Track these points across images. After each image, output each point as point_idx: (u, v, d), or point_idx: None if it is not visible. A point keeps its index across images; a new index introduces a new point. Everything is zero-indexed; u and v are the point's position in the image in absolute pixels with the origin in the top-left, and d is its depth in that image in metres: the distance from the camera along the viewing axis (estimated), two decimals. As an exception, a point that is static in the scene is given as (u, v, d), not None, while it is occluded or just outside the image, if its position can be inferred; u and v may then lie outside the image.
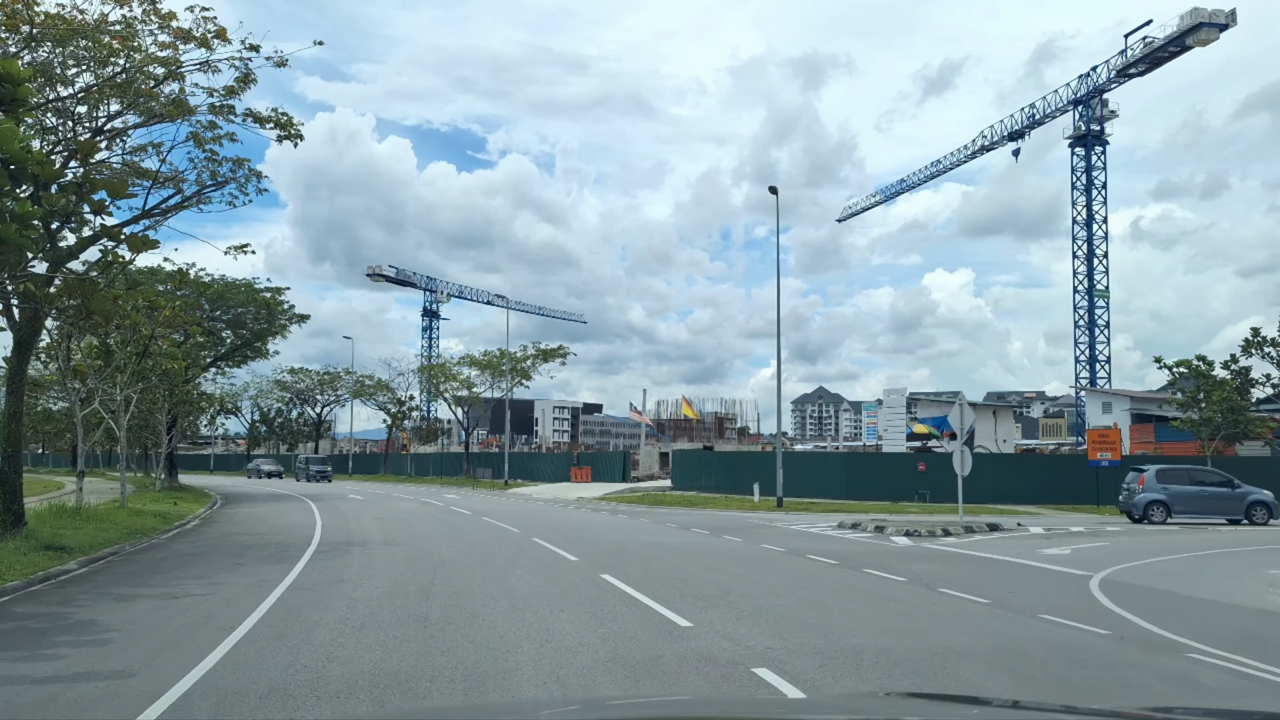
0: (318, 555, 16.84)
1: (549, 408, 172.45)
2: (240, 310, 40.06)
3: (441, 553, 17.11)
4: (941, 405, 50.42)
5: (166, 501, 32.11)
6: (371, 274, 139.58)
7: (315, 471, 63.26)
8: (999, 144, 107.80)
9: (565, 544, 18.61)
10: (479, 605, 10.72)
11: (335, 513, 29.31)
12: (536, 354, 64.67)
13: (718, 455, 46.74)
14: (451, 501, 37.85)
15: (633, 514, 30.47)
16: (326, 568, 14.82)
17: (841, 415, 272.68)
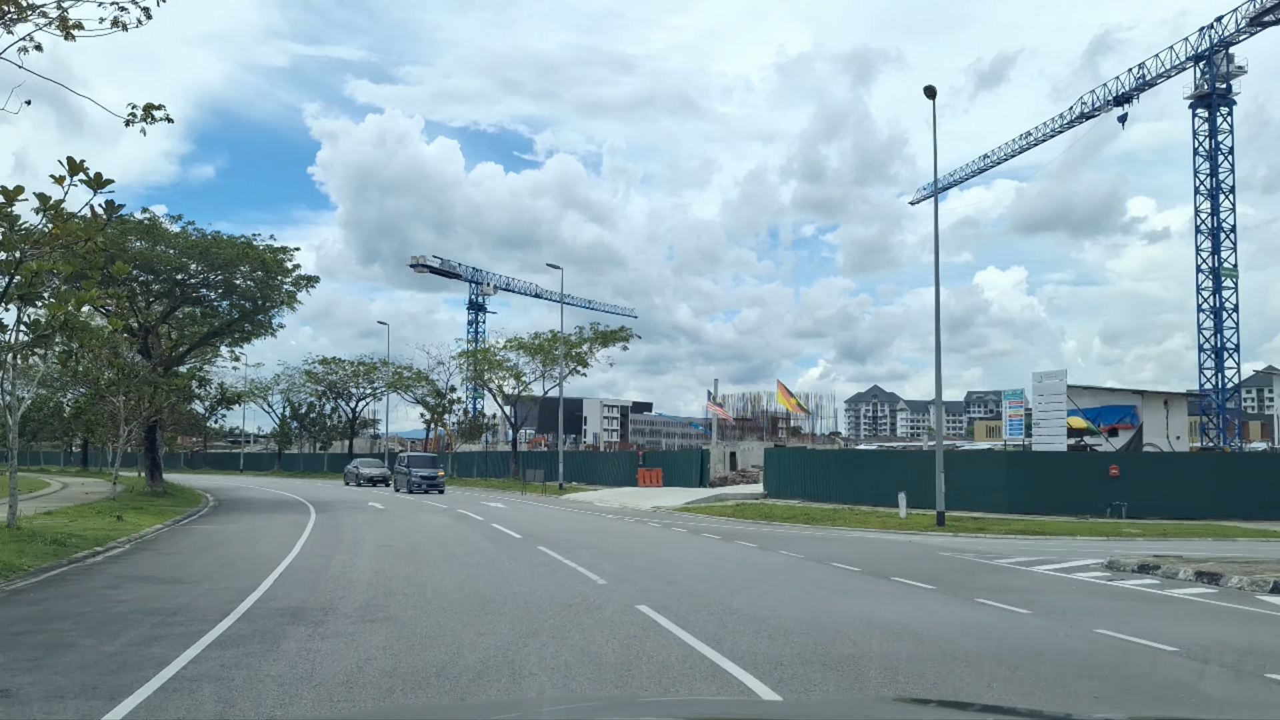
0: (211, 656, 8.21)
1: (597, 406, 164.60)
2: (229, 271, 31.80)
3: (462, 650, 8.39)
4: (1099, 394, 40.81)
5: (116, 514, 24.02)
6: (415, 265, 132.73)
7: (421, 479, 44.10)
8: (1101, 109, 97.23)
9: (720, 628, 9.77)
10: None
11: (330, 536, 20.85)
12: (595, 337, 55.95)
13: (828, 456, 37.64)
14: (495, 514, 29.24)
15: (749, 537, 21.63)
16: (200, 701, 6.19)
17: (897, 415, 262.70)
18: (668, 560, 15.56)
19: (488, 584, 12.59)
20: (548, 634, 9.15)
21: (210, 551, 17.45)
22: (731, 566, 14.79)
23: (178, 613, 10.45)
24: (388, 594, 11.67)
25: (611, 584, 12.47)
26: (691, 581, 12.82)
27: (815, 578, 13.65)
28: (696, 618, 9.92)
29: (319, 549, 17.58)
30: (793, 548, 18.31)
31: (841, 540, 21.14)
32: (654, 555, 16.30)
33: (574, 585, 12.40)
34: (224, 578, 13.50)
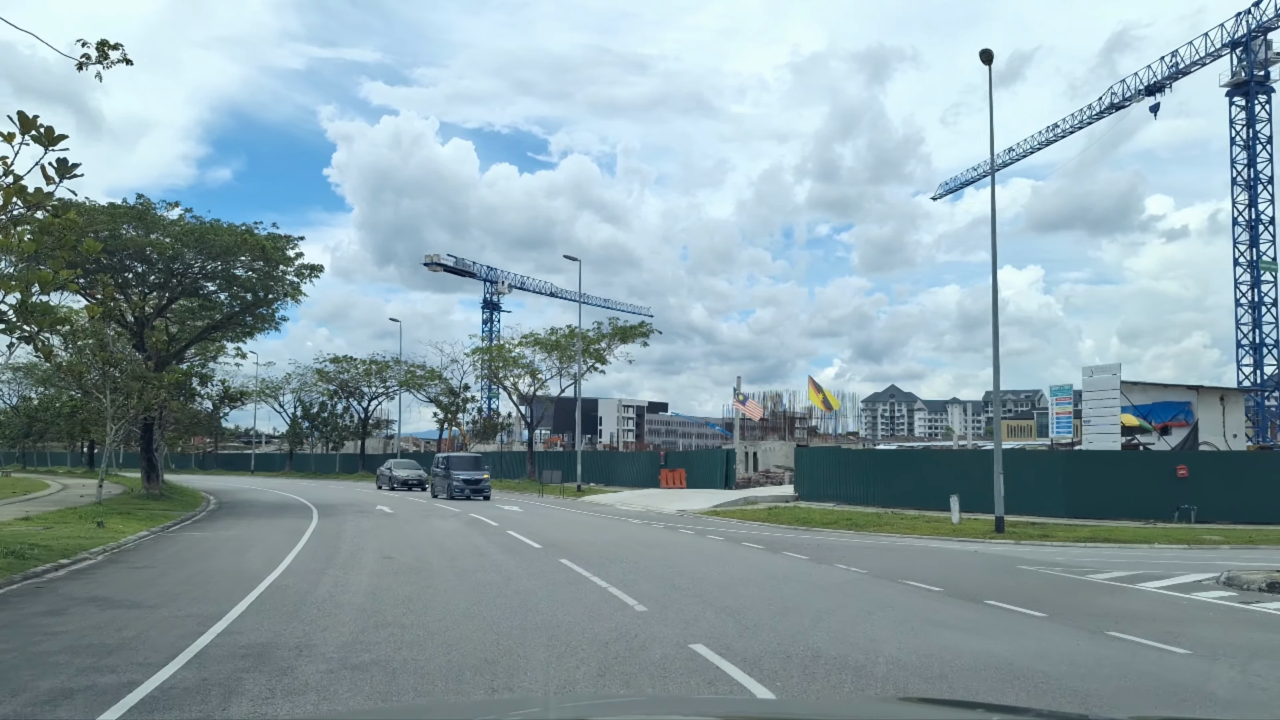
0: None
1: (613, 406, 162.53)
2: (227, 260, 29.70)
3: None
4: (1150, 390, 38.25)
5: (113, 516, 22.01)
6: (430, 264, 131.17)
7: (464, 483, 37.99)
8: (1132, 100, 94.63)
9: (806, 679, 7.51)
10: None
11: (327, 546, 18.71)
12: (613, 333, 53.71)
13: (865, 456, 35.28)
14: (511, 519, 27.09)
15: (795, 546, 19.36)
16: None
17: (915, 414, 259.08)
18: (713, 578, 13.32)
19: (503, 611, 10.39)
20: (582, 688, 6.95)
21: (189, 564, 15.34)
22: (791, 587, 12.53)
23: (115, 652, 8.31)
24: (379, 625, 9.49)
25: (654, 611, 10.25)
26: (751, 608, 10.57)
27: (895, 602, 11.38)
28: (772, 664, 7.68)
29: (311, 562, 15.44)
30: (850, 560, 16.03)
31: (899, 551, 18.83)
32: (695, 571, 14.06)
33: (608, 613, 10.18)
34: (191, 601, 11.36)
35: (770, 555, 16.81)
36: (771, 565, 15.13)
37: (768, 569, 14.52)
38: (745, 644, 8.47)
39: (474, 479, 38.73)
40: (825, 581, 13.06)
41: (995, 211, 24.17)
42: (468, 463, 40.44)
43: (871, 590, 12.35)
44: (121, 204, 28.87)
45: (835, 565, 15.18)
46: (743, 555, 16.70)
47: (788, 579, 13.22)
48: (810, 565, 15.20)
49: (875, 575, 13.92)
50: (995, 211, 24.17)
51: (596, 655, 8.02)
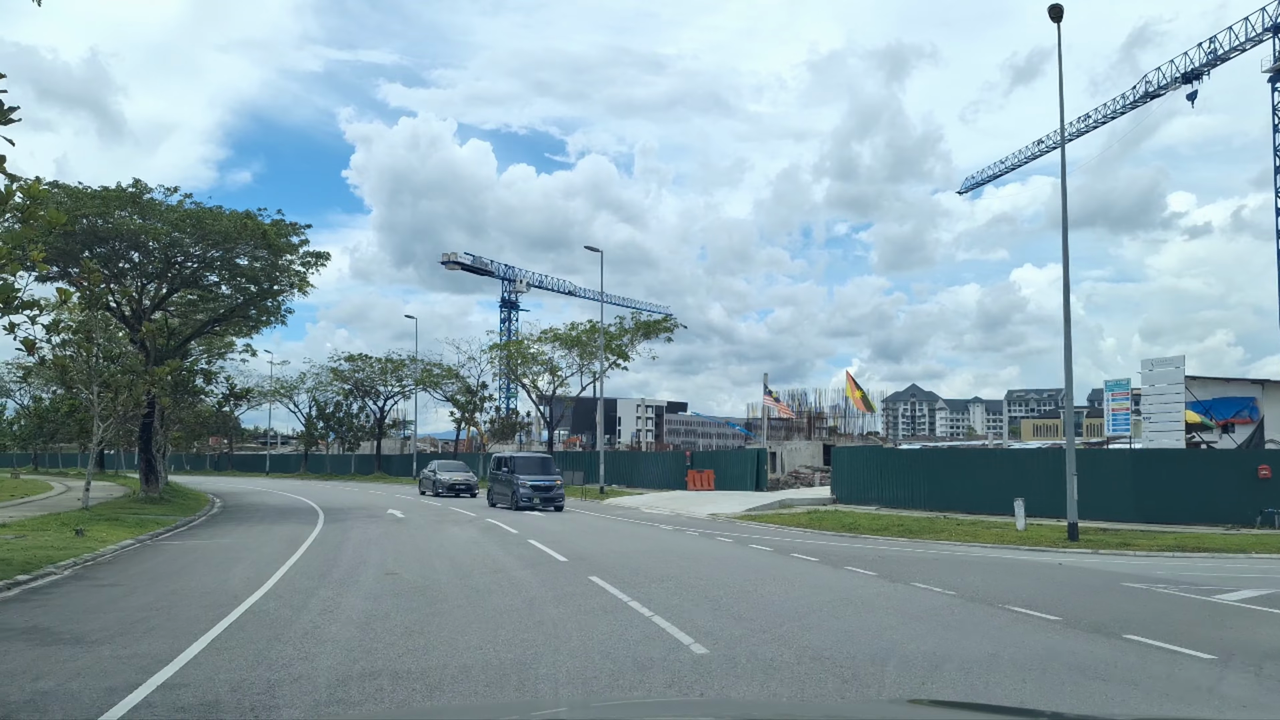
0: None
1: (631, 406, 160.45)
2: (228, 247, 27.69)
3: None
4: (1210, 385, 35.74)
5: (99, 523, 20.07)
6: (447, 262, 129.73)
7: (533, 490, 31.47)
8: (1168, 88, 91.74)
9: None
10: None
11: (326, 557, 16.63)
12: (636, 328, 51.55)
13: (910, 456, 32.91)
14: (533, 525, 25.00)
15: (854, 558, 17.13)
16: None
17: (936, 414, 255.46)
18: (777, 604, 11.12)
19: (525, 653, 8.24)
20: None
21: (162, 582, 13.28)
22: (877, 617, 10.30)
23: (16, 713, 6.24)
24: (367, 675, 7.35)
25: (718, 655, 8.05)
26: (839, 650, 8.36)
27: (1015, 638, 9.15)
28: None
29: (303, 579, 13.36)
30: (926, 577, 13.79)
31: (974, 564, 16.56)
32: (753, 594, 11.86)
33: (660, 657, 7.99)
34: (145, 633, 9.29)
35: (832, 571, 14.58)
36: (840, 585, 12.89)
37: (838, 590, 12.28)
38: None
39: (545, 485, 31.84)
40: (914, 608, 10.82)
41: (1066, 191, 21.85)
42: (536, 465, 33.38)
43: (976, 620, 10.11)
44: (115, 187, 26.96)
45: (913, 584, 12.93)
46: (801, 571, 14.47)
47: (869, 605, 10.98)
48: (885, 584, 12.95)
49: (967, 598, 11.67)
50: (1066, 191, 21.85)
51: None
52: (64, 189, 26.10)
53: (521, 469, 32.53)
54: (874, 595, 11.78)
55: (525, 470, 32.53)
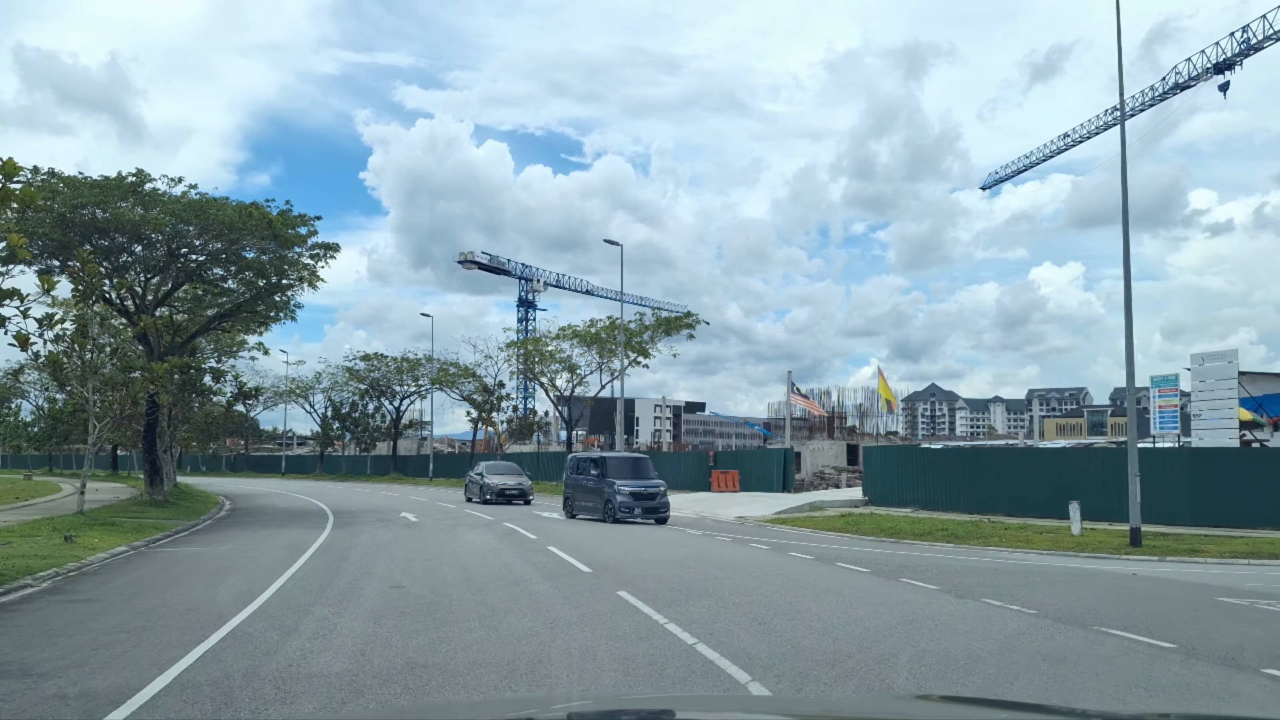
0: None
1: (649, 406, 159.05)
2: (232, 238, 26.41)
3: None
4: (1259, 380, 33.91)
5: (93, 528, 18.81)
6: (464, 261, 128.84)
7: (632, 498, 26.37)
8: (1199, 79, 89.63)
9: None
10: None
11: (329, 567, 15.29)
12: (657, 324, 50.12)
13: (948, 456, 31.29)
14: (552, 530, 23.62)
15: (907, 569, 15.63)
16: None
17: (956, 413, 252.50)
18: (838, 626, 9.66)
19: (552, 691, 6.82)
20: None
21: (144, 597, 11.96)
22: (956, 641, 8.82)
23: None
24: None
25: (781, 696, 6.61)
26: (926, 689, 6.90)
27: (1134, 674, 7.65)
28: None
29: (300, 592, 12.01)
30: (994, 591, 12.29)
31: (1040, 575, 15.02)
32: (806, 612, 10.39)
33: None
34: (105, 663, 7.95)
35: (887, 584, 13.09)
36: (901, 601, 11.40)
37: (902, 608, 10.80)
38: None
39: (648, 491, 26.23)
40: (998, 633, 9.32)
41: (1125, 172, 20.25)
42: (629, 468, 27.48)
43: (1079, 650, 8.62)
44: (115, 176, 25.76)
45: (983, 600, 11.43)
46: (853, 585, 12.98)
47: (945, 628, 9.50)
48: (952, 601, 11.45)
49: (1053, 618, 10.17)
50: (1125, 172, 20.25)
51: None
52: (61, 178, 24.95)
53: (616, 471, 27.06)
54: (946, 616, 10.29)
55: (620, 473, 26.99)
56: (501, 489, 34.55)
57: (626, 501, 26.11)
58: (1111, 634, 9.26)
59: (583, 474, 28.65)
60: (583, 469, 28.91)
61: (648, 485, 26.54)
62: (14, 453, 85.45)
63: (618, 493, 26.25)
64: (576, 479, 28.99)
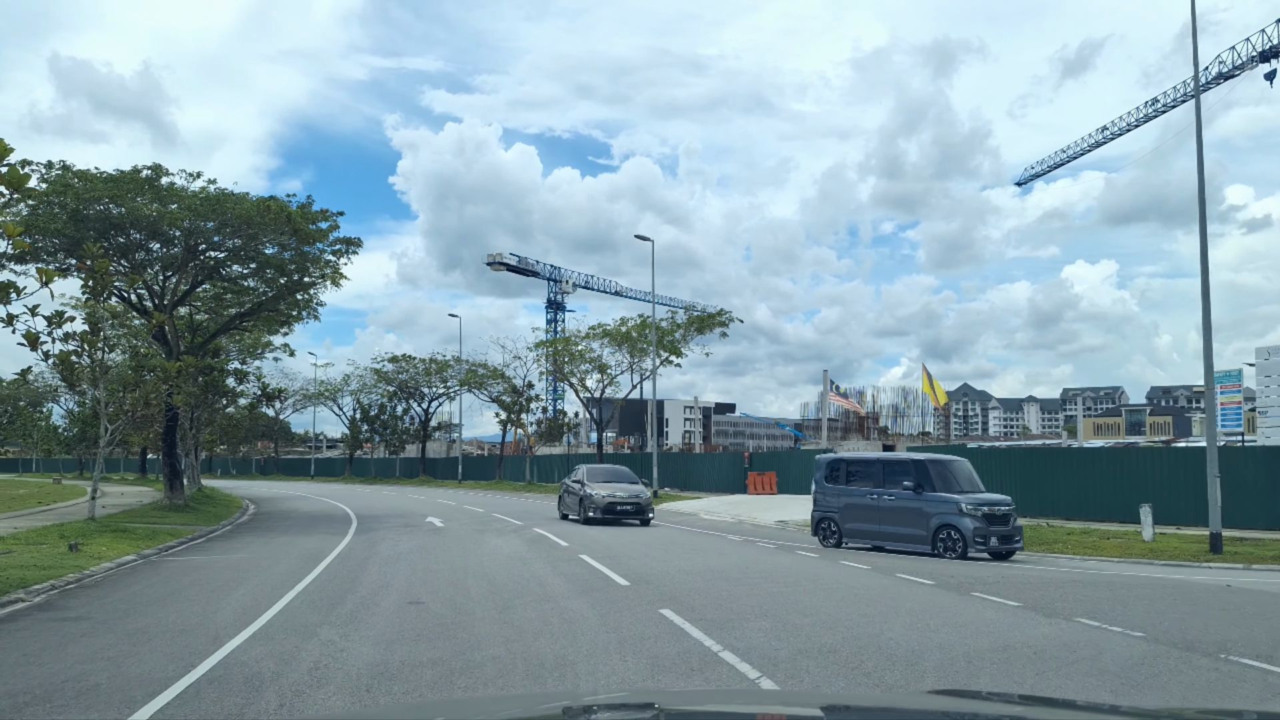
0: None
1: (678, 408, 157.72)
2: (251, 233, 25.43)
3: None
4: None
5: (104, 535, 17.84)
6: (493, 263, 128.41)
7: (986, 521, 17.94)
8: (1243, 69, 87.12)
9: None
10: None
11: (344, 579, 14.16)
12: (689, 322, 48.82)
13: (999, 457, 29.72)
14: (584, 536, 22.42)
15: (973, 581, 14.24)
16: None
17: (989, 413, 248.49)
18: (916, 653, 8.33)
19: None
20: None
21: (139, 614, 10.85)
22: (1073, 680, 7.47)
23: None
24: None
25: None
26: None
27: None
28: None
29: (309, 610, 10.86)
30: (1083, 608, 10.90)
31: (1124, 587, 13.56)
32: (878, 637, 9.07)
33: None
34: (74, 697, 6.86)
35: (960, 600, 11.72)
36: (984, 622, 10.04)
37: (988, 631, 9.44)
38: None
39: (1000, 513, 18.20)
40: (1112, 663, 7.95)
41: (1201, 146, 18.71)
42: (955, 474, 19.22)
43: (1211, 683, 7.24)
44: (130, 170, 24.90)
45: (1076, 620, 10.05)
46: (922, 602, 11.61)
47: (1046, 657, 8.14)
48: (1041, 621, 10.08)
49: (1163, 643, 8.77)
50: (1201, 146, 18.71)
51: None
52: (74, 172, 24.11)
53: (948, 480, 18.82)
54: (1041, 641, 8.92)
55: (953, 483, 18.81)
56: (609, 503, 26.34)
57: (977, 528, 17.69)
58: (1245, 664, 7.86)
59: (853, 484, 20.18)
60: (852, 476, 20.41)
61: (997, 505, 18.31)
62: (45, 456, 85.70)
63: (964, 514, 17.84)
64: (844, 491, 20.28)
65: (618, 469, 29.63)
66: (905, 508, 18.86)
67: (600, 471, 29.01)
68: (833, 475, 20.79)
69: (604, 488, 26.96)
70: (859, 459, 21.89)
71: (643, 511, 26.53)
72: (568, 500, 28.55)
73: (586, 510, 26.51)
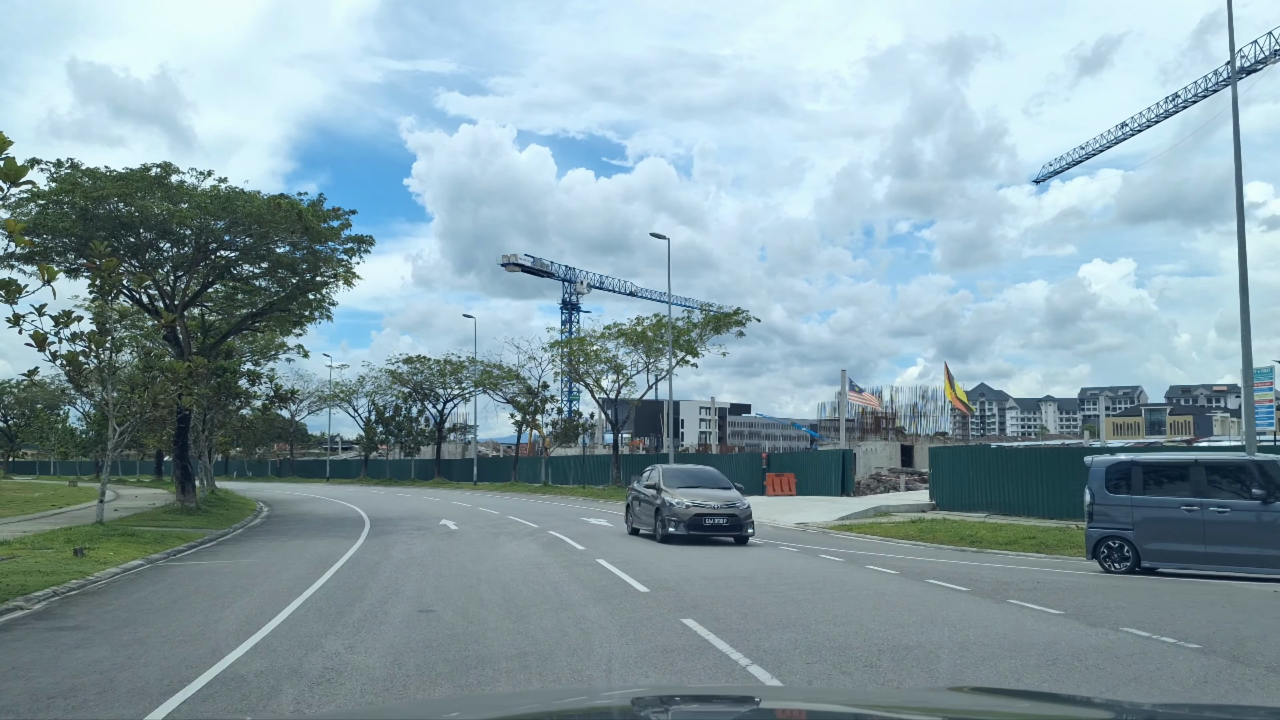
0: None
1: (693, 409, 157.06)
2: (261, 231, 25.05)
3: None
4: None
5: (111, 539, 17.47)
6: (507, 264, 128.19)
7: None
8: (1266, 63, 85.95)
9: None
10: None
11: (352, 586, 13.70)
12: (706, 321, 48.26)
13: (1026, 457, 29.05)
14: (602, 540, 21.89)
15: (1018, 589, 13.63)
16: None
17: (1007, 413, 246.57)
18: (954, 666, 7.79)
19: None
20: None
21: (140, 623, 10.40)
22: (1127, 697, 6.92)
23: None
24: None
25: None
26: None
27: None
28: None
29: (315, 618, 10.40)
30: (1128, 615, 10.32)
31: (1165, 591, 12.95)
32: (914, 649, 8.51)
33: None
34: (59, 718, 6.37)
35: (998, 609, 11.14)
36: (1026, 633, 9.47)
37: (1034, 645, 8.86)
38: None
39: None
40: (1169, 679, 7.37)
41: (1239, 135, 18.05)
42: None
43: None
44: (139, 168, 24.58)
45: (1123, 630, 9.47)
46: (959, 610, 11.03)
47: (1099, 673, 7.57)
48: (1086, 631, 9.50)
49: (1222, 655, 8.19)
50: (1239, 135, 18.05)
51: None
52: (81, 170, 23.79)
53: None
54: (1091, 654, 8.34)
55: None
56: (696, 515, 20.18)
57: None
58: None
59: (1174, 491, 15.78)
60: (1176, 480, 15.92)
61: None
62: (63, 459, 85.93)
63: None
64: (1140, 502, 15.89)
65: (702, 469, 23.49)
66: (1251, 522, 14.70)
67: (679, 473, 22.84)
68: (1121, 482, 16.28)
69: (686, 494, 20.83)
70: (1165, 462, 17.04)
71: (740, 526, 20.29)
72: (639, 511, 22.61)
73: (665, 524, 20.35)
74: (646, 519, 21.81)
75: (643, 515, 22.23)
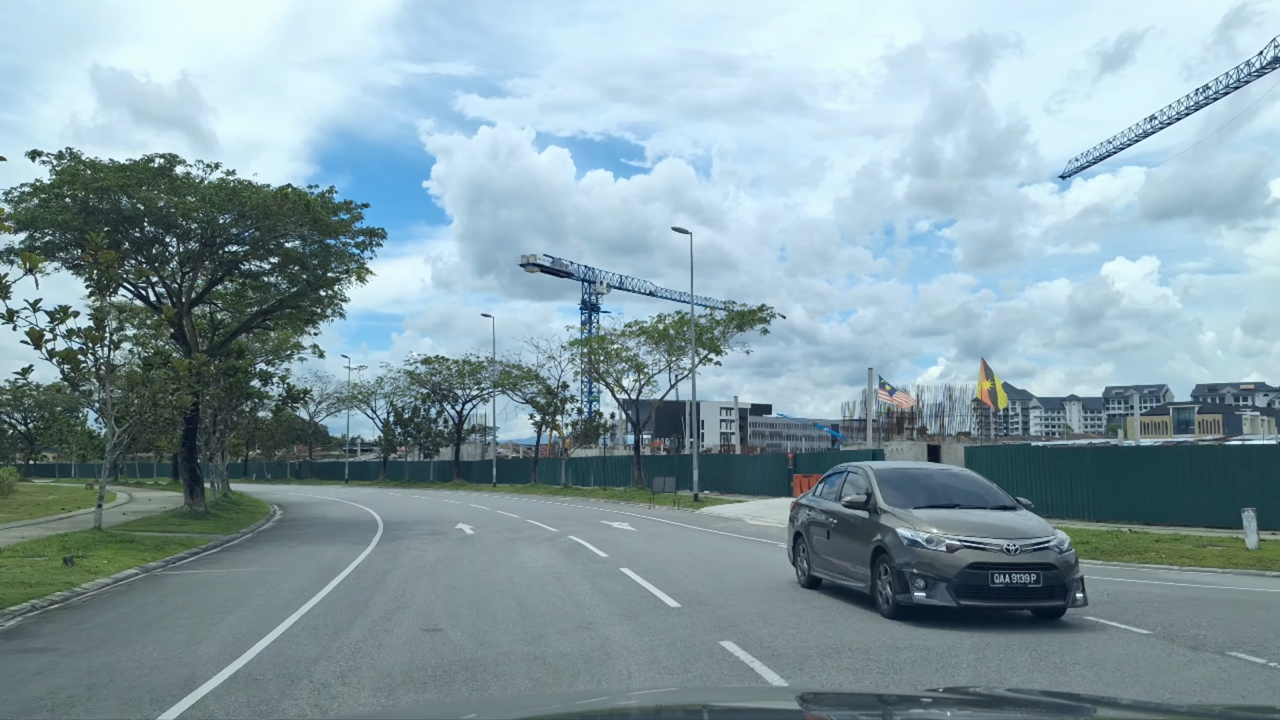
0: None
1: (714, 409, 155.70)
2: (270, 225, 24.07)
3: None
4: None
5: (108, 546, 16.50)
6: (526, 264, 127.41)
7: None
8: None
9: None
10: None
11: (356, 599, 12.61)
12: (729, 318, 47.01)
13: (1069, 456, 27.62)
14: (625, 546, 20.75)
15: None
16: None
17: (1030, 413, 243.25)
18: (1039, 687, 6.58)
19: None
20: None
21: (113, 644, 9.34)
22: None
23: None
24: None
25: None
26: None
27: None
28: None
29: (309, 638, 9.30)
30: (1229, 636, 9.08)
31: (1256, 605, 11.66)
32: (989, 677, 7.32)
33: None
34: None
35: (1079, 631, 9.89)
36: (1119, 659, 8.23)
37: (1135, 676, 7.63)
38: None
39: None
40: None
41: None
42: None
43: None
44: (142, 159, 23.67)
45: (1230, 654, 8.22)
46: (1034, 630, 9.80)
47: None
48: (1189, 657, 8.26)
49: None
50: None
51: None
52: (81, 161, 22.92)
53: None
54: (1203, 689, 7.11)
55: None
56: (976, 563, 9.96)
57: None
58: None
59: None
60: None
61: None
62: (81, 461, 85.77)
63: None
64: None
65: (949, 472, 12.90)
66: None
67: (908, 479, 12.09)
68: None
69: (936, 520, 10.64)
70: None
71: (1065, 590, 10.09)
72: (826, 545, 12.46)
73: (904, 579, 10.14)
74: (849, 562, 11.68)
75: (836, 552, 12.16)
